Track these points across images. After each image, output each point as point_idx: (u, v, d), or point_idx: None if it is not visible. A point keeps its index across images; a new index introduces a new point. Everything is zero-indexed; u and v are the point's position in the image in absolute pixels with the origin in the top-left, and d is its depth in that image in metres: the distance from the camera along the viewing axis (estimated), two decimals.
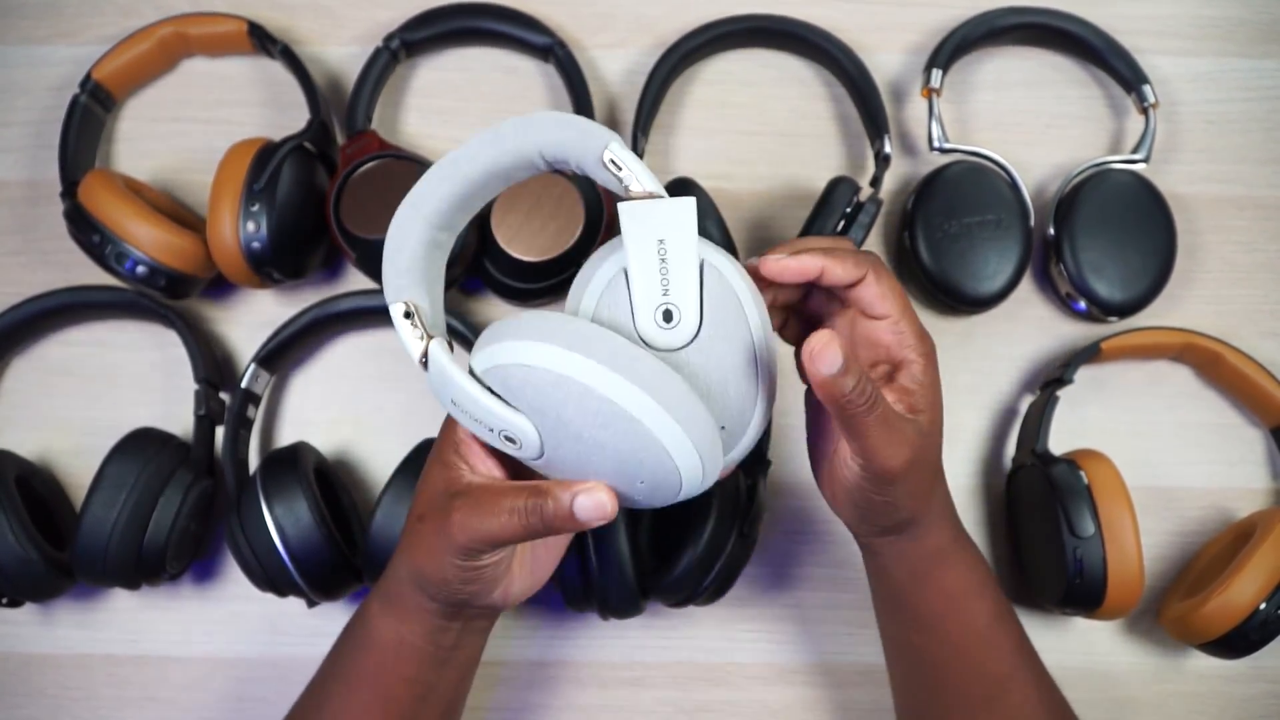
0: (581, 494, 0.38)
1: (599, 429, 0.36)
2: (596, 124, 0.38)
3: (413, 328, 0.40)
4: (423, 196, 0.40)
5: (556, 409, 0.36)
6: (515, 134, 0.38)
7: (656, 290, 0.37)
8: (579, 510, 0.38)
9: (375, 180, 0.59)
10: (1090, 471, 0.55)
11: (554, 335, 0.36)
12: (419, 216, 0.40)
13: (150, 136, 0.67)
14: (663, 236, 0.37)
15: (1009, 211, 0.61)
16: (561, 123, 0.38)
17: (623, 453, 0.36)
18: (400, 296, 0.40)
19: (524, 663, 0.60)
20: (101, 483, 0.54)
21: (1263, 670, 0.60)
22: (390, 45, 0.65)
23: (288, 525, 0.53)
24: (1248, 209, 0.66)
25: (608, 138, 0.38)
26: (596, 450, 0.37)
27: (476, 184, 0.40)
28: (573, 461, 0.38)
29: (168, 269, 0.59)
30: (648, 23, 0.68)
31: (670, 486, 0.38)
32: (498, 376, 0.37)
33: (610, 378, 0.35)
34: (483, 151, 0.39)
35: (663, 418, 0.36)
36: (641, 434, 0.36)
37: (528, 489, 0.39)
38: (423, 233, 0.40)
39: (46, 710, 0.60)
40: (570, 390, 0.36)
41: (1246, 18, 0.69)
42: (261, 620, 0.61)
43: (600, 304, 0.38)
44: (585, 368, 0.35)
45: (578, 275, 0.40)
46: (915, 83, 0.67)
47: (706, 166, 0.66)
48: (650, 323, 0.38)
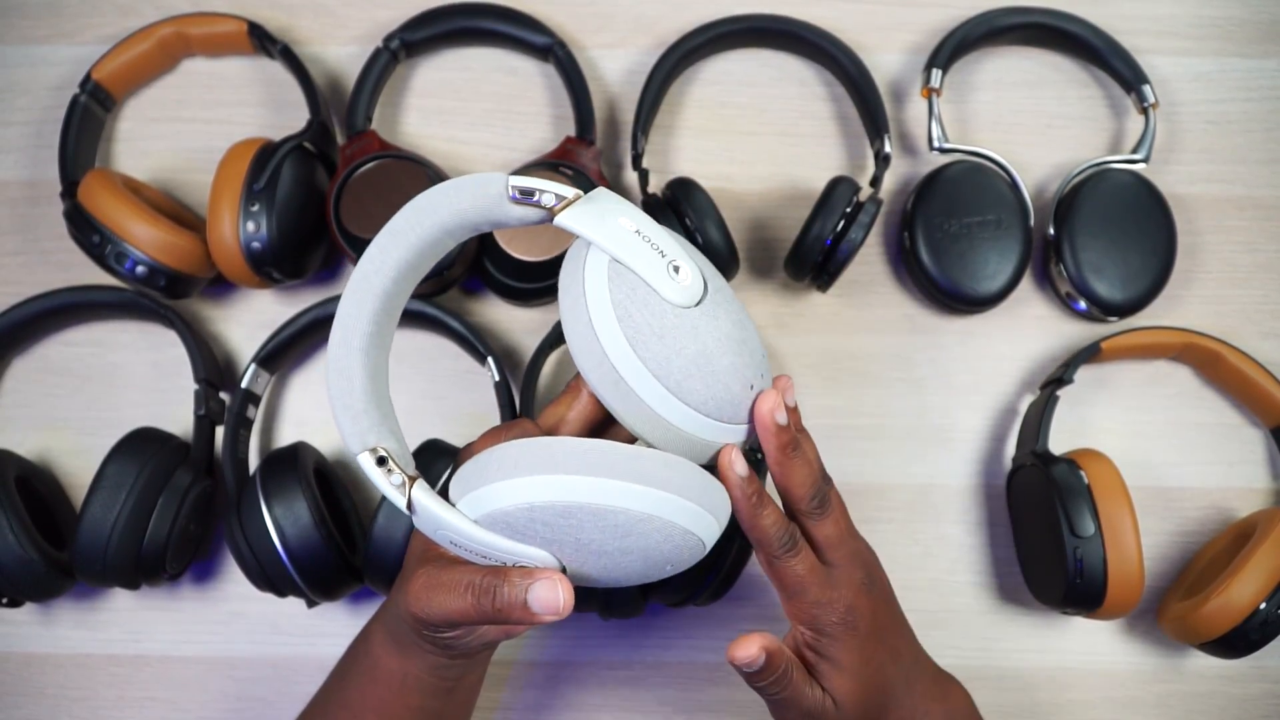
0: (538, 584, 0.36)
1: (621, 539, 0.35)
2: (477, 174, 0.38)
3: (388, 474, 0.37)
4: (349, 329, 0.38)
5: (574, 535, 0.35)
6: (411, 227, 0.38)
7: (656, 256, 0.38)
8: (533, 602, 0.36)
9: (375, 180, 0.59)
10: (1090, 471, 0.55)
11: (546, 465, 0.35)
12: (353, 350, 0.38)
13: (150, 136, 0.67)
14: (619, 215, 0.38)
15: (1009, 211, 0.61)
16: (450, 194, 0.38)
17: (648, 550, 0.36)
18: (366, 444, 0.37)
19: (524, 663, 0.60)
20: (101, 483, 0.54)
21: (1263, 670, 0.60)
22: (390, 45, 0.65)
23: (287, 525, 0.53)
24: (1248, 209, 0.66)
25: (503, 178, 0.37)
26: (622, 556, 0.36)
27: (393, 291, 0.39)
28: (598, 572, 0.37)
29: (167, 269, 0.59)
30: (648, 23, 0.68)
31: (695, 555, 0.38)
32: (500, 521, 0.35)
33: (618, 488, 0.35)
34: (388, 258, 0.38)
35: (678, 503, 0.36)
36: (662, 527, 0.36)
37: (488, 570, 0.37)
38: (363, 365, 0.38)
39: (46, 710, 0.60)
40: (583, 516, 0.35)
41: (1246, 18, 0.69)
42: (261, 620, 0.61)
43: (616, 300, 0.37)
44: (592, 489, 0.34)
45: (562, 297, 0.39)
46: (915, 83, 0.67)
47: (706, 166, 0.66)
48: (673, 286, 0.37)
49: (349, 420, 0.37)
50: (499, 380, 0.59)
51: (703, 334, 0.37)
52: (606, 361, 0.37)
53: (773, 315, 0.64)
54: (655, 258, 0.37)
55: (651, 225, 0.38)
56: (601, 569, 0.36)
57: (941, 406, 0.63)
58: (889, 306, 0.65)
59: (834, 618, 0.43)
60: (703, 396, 0.38)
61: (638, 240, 0.38)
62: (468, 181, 0.38)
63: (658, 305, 0.37)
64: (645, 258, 0.37)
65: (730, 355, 0.38)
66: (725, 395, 0.38)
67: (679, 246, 0.39)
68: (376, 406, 0.38)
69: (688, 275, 0.38)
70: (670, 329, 0.37)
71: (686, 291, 0.38)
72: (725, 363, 0.38)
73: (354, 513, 0.60)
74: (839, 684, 0.43)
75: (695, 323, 0.37)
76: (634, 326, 0.37)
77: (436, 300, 0.61)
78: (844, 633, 0.43)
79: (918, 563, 0.62)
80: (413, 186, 0.58)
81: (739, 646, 0.40)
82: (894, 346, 0.64)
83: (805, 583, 0.42)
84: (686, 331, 0.37)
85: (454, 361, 0.63)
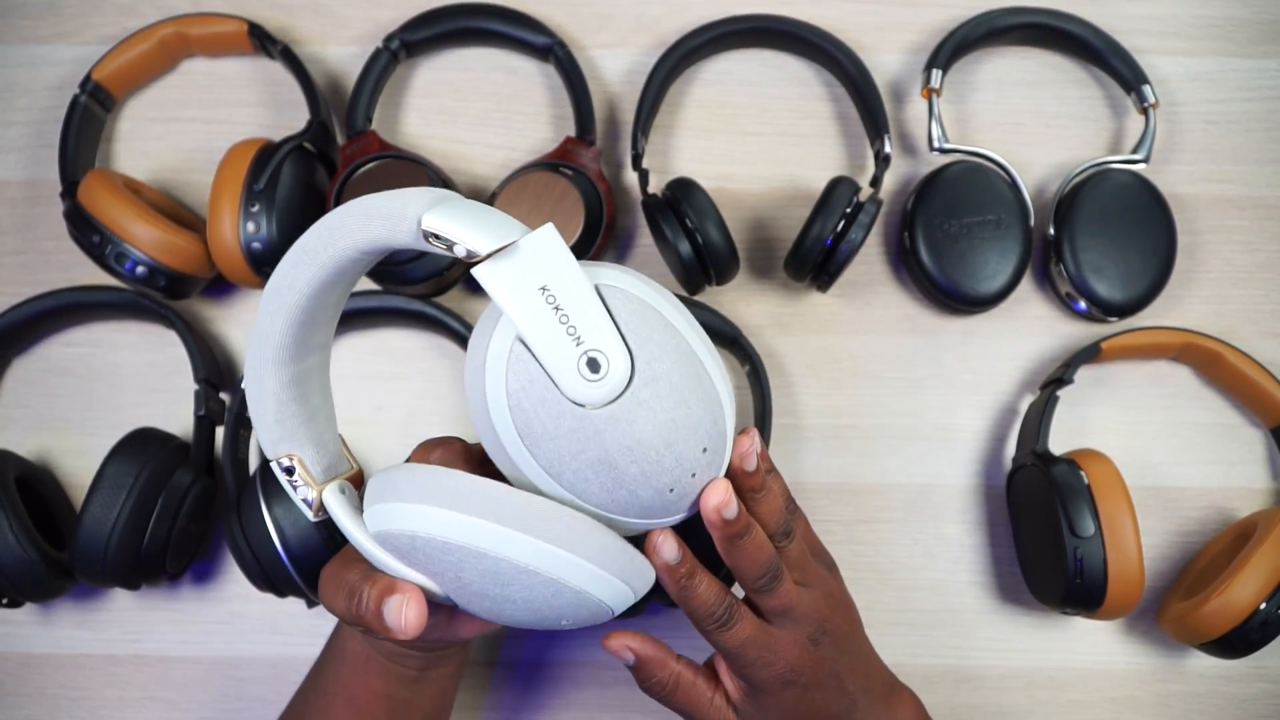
0: (391, 599, 0.35)
1: (501, 586, 0.34)
2: (404, 195, 0.33)
3: (295, 486, 0.38)
4: (263, 340, 0.36)
5: (455, 572, 0.34)
6: (324, 247, 0.34)
7: (567, 345, 0.33)
8: (386, 615, 0.35)
9: (375, 180, 0.59)
10: (1090, 471, 0.55)
11: (434, 496, 0.34)
12: (266, 362, 0.37)
13: (150, 136, 0.67)
14: (542, 283, 0.33)
15: (1009, 211, 0.61)
16: (362, 221, 0.33)
17: (534, 602, 0.35)
18: (277, 451, 0.37)
19: (524, 663, 0.60)
20: (101, 483, 0.54)
21: (1263, 670, 0.60)
22: (390, 45, 0.65)
23: (287, 525, 0.53)
24: (1248, 209, 0.66)
25: (416, 213, 0.32)
26: (507, 604, 0.35)
27: (309, 308, 0.36)
28: (483, 612, 0.36)
29: (167, 269, 0.59)
30: (648, 23, 0.68)
31: (600, 614, 0.36)
32: (389, 542, 0.35)
33: (499, 535, 0.33)
34: (299, 275, 0.35)
35: (567, 560, 0.34)
36: (547, 583, 0.34)
37: (364, 575, 0.37)
38: (279, 376, 0.37)
39: (46, 710, 0.60)
40: (461, 556, 0.33)
41: (1246, 18, 0.69)
42: (261, 620, 0.61)
43: (511, 389, 0.34)
44: (470, 531, 0.33)
45: (466, 362, 0.36)
46: (915, 83, 0.67)
47: (706, 166, 0.66)
48: (578, 382, 0.33)
49: (263, 429, 0.38)
50: None
51: (607, 439, 0.34)
52: (500, 446, 0.35)
53: (772, 315, 0.64)
54: (567, 345, 0.33)
55: (580, 297, 0.33)
56: (486, 610, 0.36)
57: (941, 406, 0.63)
58: (889, 306, 0.65)
59: (771, 674, 0.42)
60: (603, 500, 0.35)
61: (552, 319, 0.33)
62: (380, 210, 0.33)
63: (555, 402, 0.33)
64: (554, 344, 0.33)
65: (642, 463, 0.34)
66: (633, 500, 0.35)
67: (607, 320, 0.34)
68: (294, 415, 0.38)
69: (605, 367, 0.33)
70: (566, 431, 0.34)
71: (597, 388, 0.33)
72: (633, 471, 0.34)
73: None
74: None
75: (600, 426, 0.34)
76: (526, 421, 0.34)
77: (436, 300, 0.61)
78: (780, 689, 0.42)
79: (918, 563, 0.62)
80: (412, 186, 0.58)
81: (607, 637, 0.40)
82: (894, 346, 0.64)
83: (744, 649, 0.41)
84: (587, 435, 0.34)
85: (454, 361, 0.63)
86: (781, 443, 0.62)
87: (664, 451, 0.34)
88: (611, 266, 0.36)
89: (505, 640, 0.60)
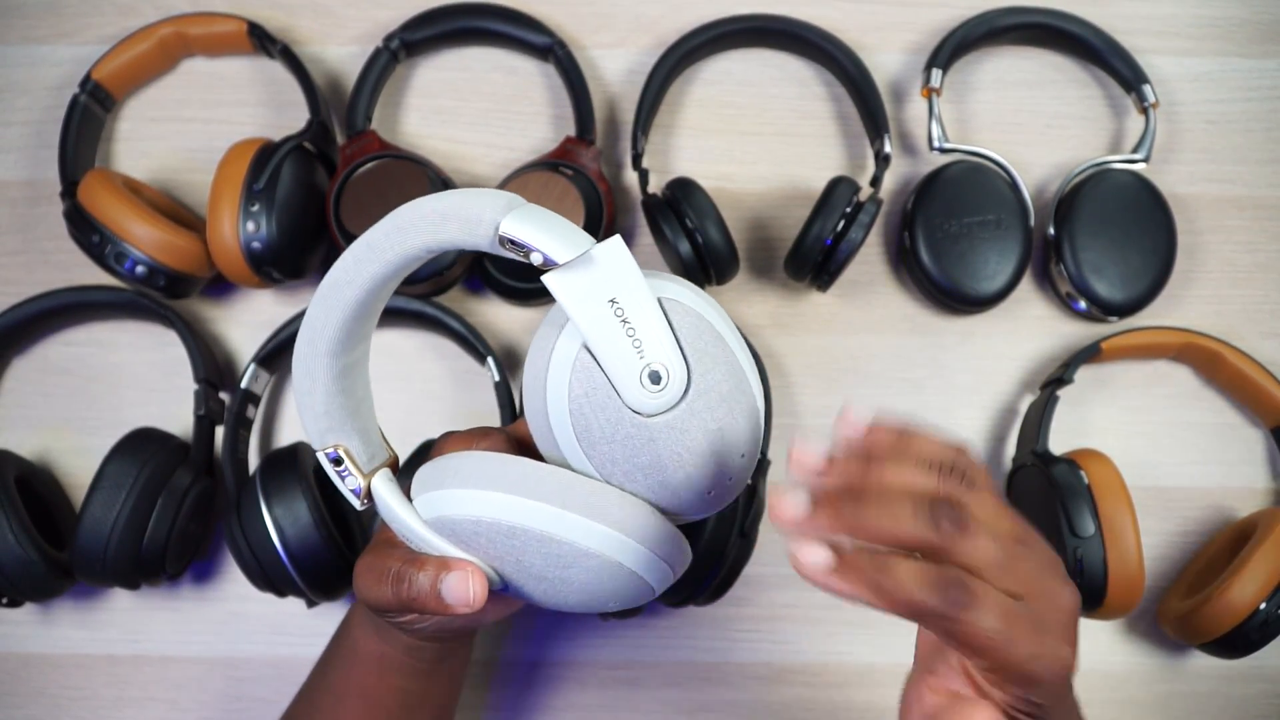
0: (452, 575, 0.36)
1: (562, 569, 0.35)
2: (479, 198, 0.34)
3: (343, 475, 0.38)
4: (317, 333, 0.37)
5: (516, 555, 0.35)
6: (392, 245, 0.35)
7: (632, 357, 0.34)
8: (445, 592, 0.36)
9: (375, 180, 0.59)
10: (1090, 471, 0.55)
11: (501, 482, 0.35)
12: (319, 354, 0.37)
13: (150, 136, 0.67)
14: (612, 295, 0.34)
15: (1009, 211, 0.61)
16: (440, 216, 0.34)
17: (590, 585, 0.36)
18: (325, 442, 0.38)
19: (524, 662, 0.60)
20: (101, 483, 0.54)
21: (1263, 670, 0.60)
22: (390, 45, 0.65)
23: (287, 525, 0.53)
24: (1248, 209, 0.66)
25: (494, 218, 0.33)
26: (561, 585, 0.36)
27: (366, 301, 0.36)
28: (535, 594, 0.37)
29: (167, 269, 0.59)
30: (648, 23, 0.68)
31: (643, 595, 0.38)
32: (447, 527, 0.36)
33: (568, 520, 0.34)
34: (362, 270, 0.36)
35: (628, 545, 0.35)
36: (607, 565, 0.35)
37: (411, 559, 0.37)
38: (329, 368, 0.37)
39: (46, 710, 0.60)
40: (527, 540, 0.35)
41: (1246, 18, 0.69)
42: (261, 620, 0.61)
43: (574, 394, 0.35)
44: (540, 516, 0.34)
45: (527, 364, 0.37)
46: (915, 83, 0.67)
47: (706, 166, 0.66)
48: (639, 393, 0.35)
49: (311, 420, 0.38)
50: (499, 380, 0.59)
51: (660, 446, 0.35)
52: (555, 445, 0.37)
53: (773, 315, 0.64)
54: (632, 358, 0.34)
55: (646, 311, 0.34)
56: (540, 592, 0.37)
57: (941, 406, 0.63)
58: (889, 306, 0.65)
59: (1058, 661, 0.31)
60: (654, 498, 0.37)
61: (620, 332, 0.34)
62: (456, 212, 0.34)
63: (615, 410, 0.35)
64: (620, 356, 0.34)
65: (689, 468, 0.36)
66: (673, 500, 0.37)
67: (669, 334, 0.35)
68: (341, 407, 0.38)
69: (665, 380, 0.35)
70: (623, 437, 0.35)
71: (656, 399, 0.35)
72: (680, 476, 0.36)
73: (354, 513, 0.60)
74: None
75: (655, 434, 0.35)
76: (585, 426, 0.35)
77: (436, 300, 0.61)
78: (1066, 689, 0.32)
79: None
80: (413, 186, 0.58)
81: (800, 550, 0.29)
82: (894, 346, 0.64)
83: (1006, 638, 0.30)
84: (642, 442, 0.35)
85: (454, 361, 0.63)
86: (781, 443, 0.62)
87: (710, 458, 0.36)
88: (670, 278, 0.37)
89: (506, 640, 0.60)
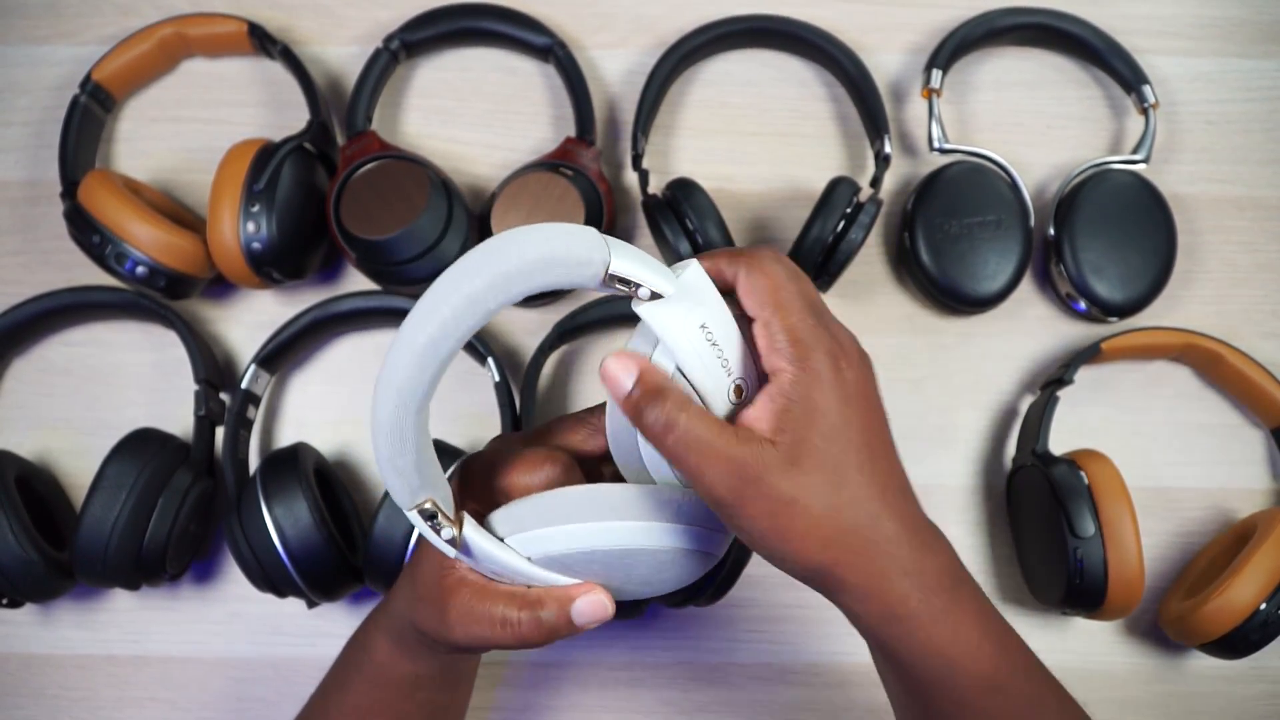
0: (581, 600, 0.38)
1: (661, 571, 0.38)
2: (580, 241, 0.33)
3: (438, 529, 0.37)
4: (409, 395, 0.35)
5: (626, 570, 0.38)
6: (495, 295, 0.33)
7: (722, 375, 0.35)
8: (578, 617, 0.38)
9: (375, 180, 0.59)
10: (1090, 471, 0.55)
11: (608, 512, 0.37)
12: (409, 414, 0.35)
13: (150, 136, 0.67)
14: (703, 321, 0.35)
15: (1009, 211, 0.61)
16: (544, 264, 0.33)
17: (682, 575, 0.39)
18: (418, 500, 0.37)
19: (525, 663, 0.60)
20: (101, 483, 0.54)
21: (1263, 670, 0.60)
22: (390, 45, 0.65)
23: (287, 526, 0.53)
24: (1248, 209, 0.66)
25: (603, 259, 0.33)
26: (659, 582, 0.39)
27: (455, 351, 0.35)
28: (641, 593, 0.40)
29: (168, 269, 0.59)
30: (648, 23, 0.68)
31: (710, 564, 0.40)
32: (558, 561, 0.38)
33: (668, 531, 0.37)
34: (461, 325, 0.34)
35: (707, 534, 0.38)
36: (695, 554, 0.38)
37: (519, 599, 0.38)
38: (418, 425, 0.36)
39: (46, 710, 0.60)
40: (641, 556, 0.37)
41: (1246, 18, 0.69)
42: (261, 620, 0.61)
43: None
44: (648, 534, 0.37)
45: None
46: (915, 83, 0.67)
47: (706, 166, 0.66)
48: (726, 408, 0.36)
49: (400, 480, 0.37)
50: (499, 380, 0.59)
51: None
52: (638, 459, 0.38)
53: None
54: (721, 376, 0.35)
55: (726, 328, 0.35)
56: (642, 592, 0.40)
57: (941, 406, 0.63)
58: (889, 306, 0.65)
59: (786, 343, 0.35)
60: None
61: (711, 355, 0.35)
62: (562, 258, 0.33)
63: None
64: (713, 377, 0.35)
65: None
66: None
67: (748, 350, 0.36)
68: (429, 462, 0.37)
69: (746, 392, 0.36)
70: None
71: (736, 408, 0.36)
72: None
73: (354, 513, 0.60)
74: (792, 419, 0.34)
75: None
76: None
77: None
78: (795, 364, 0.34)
79: None
80: (413, 187, 0.58)
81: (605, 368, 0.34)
82: (894, 346, 0.64)
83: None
84: None
85: (454, 362, 0.63)
86: None
87: None
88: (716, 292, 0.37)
89: None
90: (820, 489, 0.34)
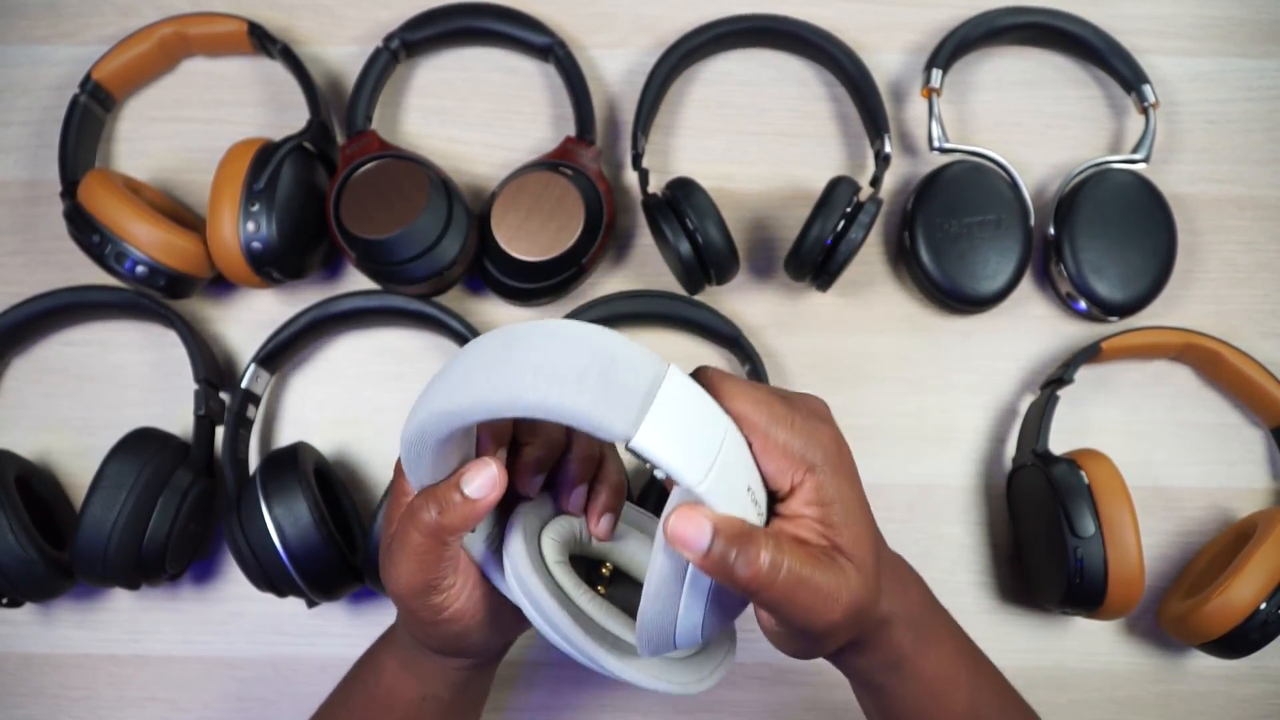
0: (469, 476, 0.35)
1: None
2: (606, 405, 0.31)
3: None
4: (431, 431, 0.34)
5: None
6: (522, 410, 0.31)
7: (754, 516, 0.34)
8: (472, 491, 0.35)
9: (375, 180, 0.59)
10: (1091, 471, 0.55)
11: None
12: (429, 445, 0.35)
13: (150, 136, 0.67)
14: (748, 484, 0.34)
15: (1009, 211, 0.61)
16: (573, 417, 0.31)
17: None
18: None
19: (524, 663, 0.60)
20: (101, 483, 0.54)
21: (1263, 670, 0.60)
22: (390, 45, 0.65)
23: (287, 525, 0.53)
24: (1248, 209, 0.66)
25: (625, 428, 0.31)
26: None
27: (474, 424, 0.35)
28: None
29: (167, 269, 0.59)
30: (648, 23, 0.68)
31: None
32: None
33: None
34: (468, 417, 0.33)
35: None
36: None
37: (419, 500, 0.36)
38: (438, 451, 0.36)
39: (46, 710, 0.60)
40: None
41: (1246, 18, 0.69)
42: (261, 620, 0.61)
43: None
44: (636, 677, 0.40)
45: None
46: (915, 83, 0.67)
47: (706, 166, 0.66)
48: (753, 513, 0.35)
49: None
50: None
51: None
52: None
53: (773, 315, 0.64)
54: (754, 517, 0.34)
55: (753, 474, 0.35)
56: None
57: (941, 406, 0.63)
58: (889, 306, 0.65)
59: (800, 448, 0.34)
60: None
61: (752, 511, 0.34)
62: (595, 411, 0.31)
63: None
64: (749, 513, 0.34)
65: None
66: None
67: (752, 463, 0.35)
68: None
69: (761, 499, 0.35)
70: None
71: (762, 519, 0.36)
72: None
73: (354, 513, 0.60)
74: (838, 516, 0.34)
75: None
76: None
77: (436, 300, 0.61)
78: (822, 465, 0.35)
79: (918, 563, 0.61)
80: (413, 186, 0.58)
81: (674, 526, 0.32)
82: (894, 346, 0.64)
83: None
84: None
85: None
86: None
87: None
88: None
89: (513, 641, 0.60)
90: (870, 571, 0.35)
